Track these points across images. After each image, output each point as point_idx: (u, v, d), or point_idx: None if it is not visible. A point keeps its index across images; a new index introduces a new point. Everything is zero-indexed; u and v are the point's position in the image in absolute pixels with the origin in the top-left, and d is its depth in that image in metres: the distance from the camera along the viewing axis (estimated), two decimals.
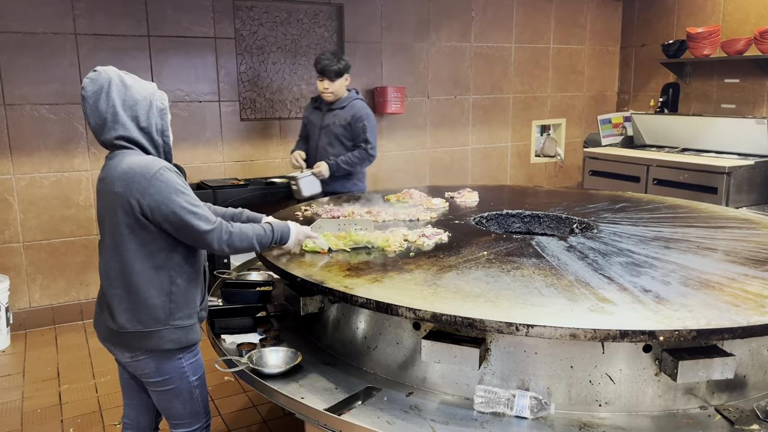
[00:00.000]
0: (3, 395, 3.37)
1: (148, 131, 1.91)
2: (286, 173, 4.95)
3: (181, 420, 2.07)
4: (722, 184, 4.58)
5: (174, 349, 1.95)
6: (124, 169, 1.83)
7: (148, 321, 1.90)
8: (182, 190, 1.85)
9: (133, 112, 1.87)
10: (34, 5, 4.00)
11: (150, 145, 1.92)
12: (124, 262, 1.87)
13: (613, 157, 5.49)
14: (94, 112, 1.85)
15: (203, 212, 1.89)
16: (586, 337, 1.67)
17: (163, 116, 1.94)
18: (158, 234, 1.87)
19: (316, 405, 1.90)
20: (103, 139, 1.89)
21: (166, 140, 1.97)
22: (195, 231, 1.86)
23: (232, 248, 1.98)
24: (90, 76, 1.86)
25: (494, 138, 6.04)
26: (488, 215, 3.09)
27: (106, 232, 1.91)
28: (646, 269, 2.16)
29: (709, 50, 5.36)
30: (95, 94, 1.84)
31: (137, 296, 1.88)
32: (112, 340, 1.96)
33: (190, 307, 1.97)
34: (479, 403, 1.85)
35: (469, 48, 5.70)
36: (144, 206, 1.81)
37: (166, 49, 4.41)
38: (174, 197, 1.82)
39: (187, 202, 1.85)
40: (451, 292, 1.95)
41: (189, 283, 1.97)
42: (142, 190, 1.80)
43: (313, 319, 2.42)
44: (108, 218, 1.88)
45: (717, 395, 1.91)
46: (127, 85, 1.87)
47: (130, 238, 1.85)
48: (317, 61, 3.79)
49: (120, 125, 1.86)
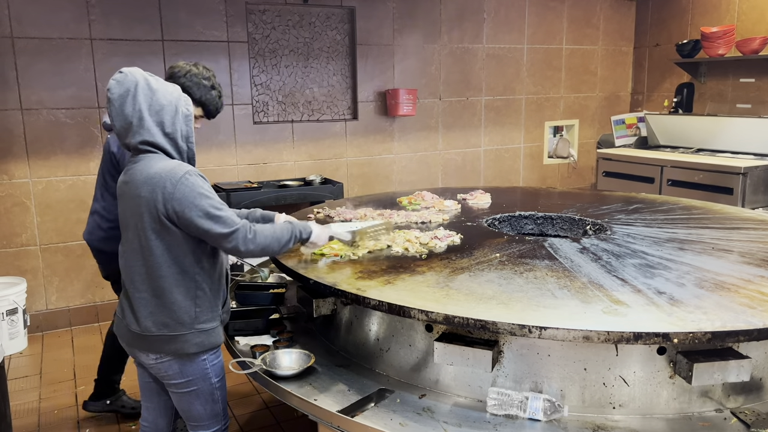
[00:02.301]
0: (21, 396, 3.42)
1: (173, 137, 1.92)
2: (299, 176, 4.98)
3: (201, 422, 2.08)
4: (738, 185, 4.53)
5: (198, 351, 1.96)
6: (150, 173, 1.84)
7: (173, 325, 1.91)
8: (207, 194, 1.86)
9: (159, 117, 1.88)
10: (51, 11, 4.05)
11: (174, 151, 1.93)
12: (150, 266, 1.88)
13: (627, 158, 5.46)
14: (120, 114, 1.86)
15: (228, 215, 1.89)
16: (600, 339, 1.66)
17: (188, 122, 1.96)
18: (184, 238, 1.88)
19: (329, 407, 1.91)
20: (127, 143, 1.90)
21: (191, 146, 1.99)
22: (220, 234, 1.87)
23: (259, 248, 1.97)
24: (116, 78, 1.86)
25: (507, 139, 6.02)
26: (501, 217, 3.08)
27: (130, 235, 1.91)
28: (660, 271, 2.15)
29: (724, 50, 5.31)
30: (121, 97, 1.84)
31: (163, 300, 1.90)
32: (135, 344, 1.96)
33: (213, 311, 1.99)
34: (492, 406, 1.85)
35: (482, 49, 5.69)
36: (170, 210, 1.82)
37: (180, 53, 4.44)
38: (199, 201, 1.83)
39: (212, 206, 1.85)
40: (463, 294, 1.95)
41: (213, 286, 1.99)
42: (168, 195, 1.81)
43: (325, 321, 2.43)
44: (133, 222, 1.89)
45: (733, 398, 1.90)
46: (153, 89, 1.87)
47: (156, 242, 1.86)
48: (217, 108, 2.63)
49: (145, 130, 1.87)
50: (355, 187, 5.28)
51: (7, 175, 4.12)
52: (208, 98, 2.50)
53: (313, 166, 5.08)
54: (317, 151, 5.10)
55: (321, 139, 5.10)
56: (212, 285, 1.98)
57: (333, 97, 5.15)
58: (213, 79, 2.53)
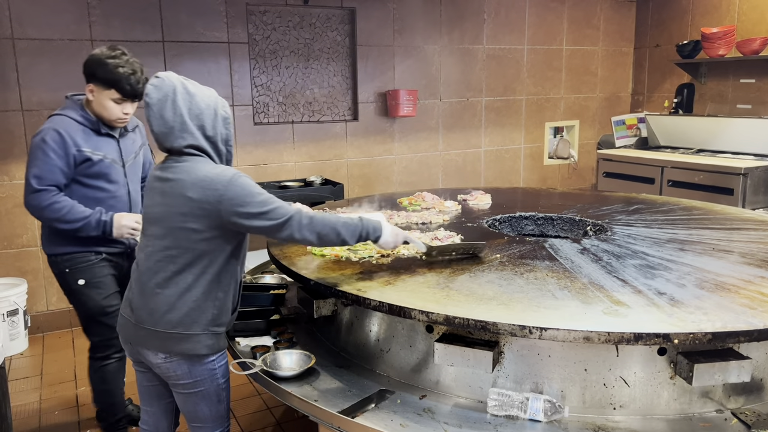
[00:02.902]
0: (21, 397, 3.42)
1: (213, 140, 1.94)
2: (299, 177, 4.98)
3: (205, 423, 2.07)
4: (738, 186, 4.53)
5: (207, 354, 1.96)
6: (200, 176, 1.85)
7: (189, 324, 1.91)
8: (258, 192, 1.88)
9: (199, 121, 1.90)
10: (52, 12, 4.06)
11: (215, 154, 1.95)
12: (182, 265, 1.88)
13: (627, 158, 5.46)
14: (159, 119, 1.87)
15: (280, 205, 1.91)
16: (600, 339, 1.66)
17: (227, 125, 1.98)
18: (226, 242, 1.90)
19: (330, 408, 1.91)
20: (169, 147, 1.91)
21: (230, 149, 2.01)
22: (275, 225, 1.88)
23: (315, 234, 1.95)
24: (153, 83, 1.88)
25: (507, 140, 6.03)
26: (501, 218, 3.08)
27: (160, 232, 1.91)
28: (660, 272, 2.15)
29: (724, 50, 5.31)
30: (160, 102, 1.86)
31: (185, 299, 1.90)
32: (145, 342, 1.95)
33: (226, 315, 2.00)
34: (493, 407, 1.85)
35: (482, 50, 5.70)
36: (222, 211, 1.84)
37: (181, 54, 4.45)
38: (252, 199, 1.85)
39: (265, 202, 1.87)
40: (463, 294, 1.95)
41: (230, 290, 2.00)
42: (220, 195, 1.83)
43: (326, 322, 2.43)
44: (169, 219, 1.88)
45: (733, 399, 1.90)
46: (191, 93, 1.89)
47: (196, 242, 1.87)
48: (131, 83, 2.51)
49: (188, 134, 1.89)
50: (356, 188, 5.28)
51: (7, 176, 4.13)
52: (116, 76, 2.47)
53: (313, 167, 5.08)
54: (318, 152, 5.10)
55: (321, 140, 5.10)
56: (231, 289, 1.99)
57: (333, 98, 5.15)
58: (122, 57, 2.50)
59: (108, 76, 2.49)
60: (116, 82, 2.49)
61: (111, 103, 2.55)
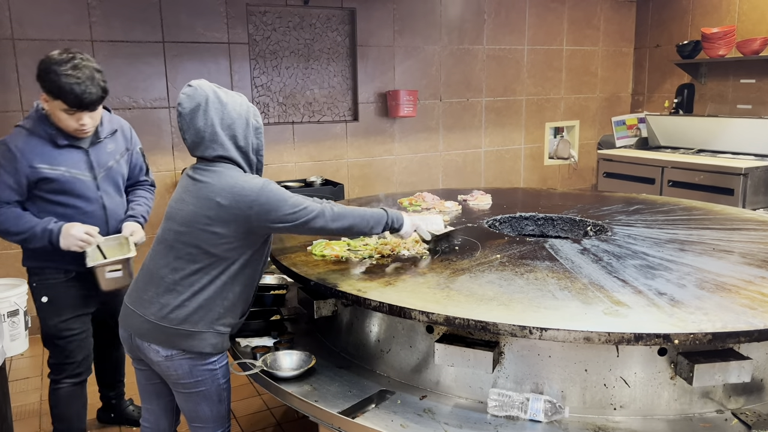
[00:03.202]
0: (22, 398, 3.42)
1: (245, 150, 1.97)
2: (300, 177, 4.99)
3: (205, 423, 2.08)
4: (739, 186, 4.53)
5: (209, 353, 1.97)
6: (231, 183, 1.88)
7: (195, 321, 1.92)
8: (288, 195, 1.93)
9: (231, 131, 1.92)
10: (52, 13, 4.06)
11: (245, 164, 1.98)
12: (200, 266, 1.90)
13: (628, 158, 5.46)
14: (191, 129, 1.89)
15: (310, 203, 1.97)
16: (600, 340, 1.66)
17: (259, 135, 2.01)
18: (247, 249, 1.93)
19: (330, 408, 1.91)
20: (200, 155, 1.93)
21: (260, 159, 2.03)
22: (308, 220, 1.95)
23: (345, 225, 2.04)
24: (186, 92, 1.89)
25: (507, 140, 6.03)
26: (501, 218, 3.08)
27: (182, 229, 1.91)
28: (661, 272, 2.15)
29: (725, 50, 5.31)
30: (192, 111, 1.88)
31: (198, 297, 1.92)
32: (149, 336, 1.95)
33: (233, 316, 2.02)
34: (493, 407, 1.85)
35: (482, 50, 5.70)
36: (253, 219, 1.87)
37: (181, 54, 4.45)
38: (282, 204, 1.90)
39: (293, 206, 1.92)
40: (464, 295, 1.95)
41: (242, 292, 2.01)
42: (251, 202, 1.86)
43: (326, 323, 2.43)
44: (194, 220, 1.89)
45: (734, 399, 1.90)
46: (223, 102, 1.91)
47: (218, 247, 1.89)
48: (76, 93, 2.27)
49: (219, 145, 1.91)
50: (356, 188, 5.28)
51: None
52: (59, 85, 2.23)
53: (313, 168, 5.08)
54: (318, 152, 5.10)
55: (322, 140, 5.10)
56: (242, 291, 2.01)
57: (333, 99, 5.15)
58: (69, 63, 2.26)
59: (52, 85, 2.26)
60: (60, 91, 2.26)
61: (63, 114, 2.32)
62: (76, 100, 2.27)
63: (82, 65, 2.29)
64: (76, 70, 2.26)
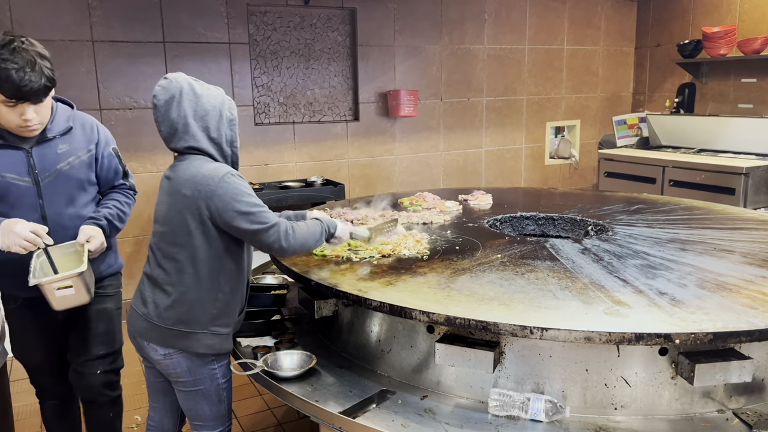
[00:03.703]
0: (23, 398, 3.42)
1: (218, 142, 1.97)
2: (300, 177, 4.98)
3: (205, 422, 2.09)
4: (740, 185, 4.53)
5: (208, 353, 1.98)
6: (193, 173, 1.88)
7: (189, 321, 1.94)
8: (247, 193, 1.90)
9: (204, 122, 1.93)
10: (53, 13, 4.06)
11: (219, 155, 1.98)
12: (180, 262, 1.91)
13: (629, 158, 5.45)
14: (166, 120, 1.91)
15: (267, 214, 1.93)
16: (601, 340, 1.66)
17: (233, 127, 2.01)
18: (219, 239, 1.92)
19: (331, 408, 1.91)
20: (173, 147, 1.95)
21: (235, 151, 2.03)
22: (259, 230, 1.90)
23: (298, 243, 2.00)
24: (161, 84, 1.90)
25: (508, 140, 6.02)
26: (502, 218, 3.08)
27: (167, 229, 1.94)
28: (661, 271, 2.14)
29: (726, 50, 5.30)
30: (167, 103, 1.89)
31: (186, 297, 1.93)
32: (148, 335, 1.98)
33: (229, 316, 2.02)
34: (494, 407, 1.85)
35: (483, 50, 5.69)
36: (212, 209, 1.86)
37: (182, 54, 4.45)
38: (239, 199, 1.87)
39: (252, 205, 1.89)
40: (464, 295, 1.95)
41: (234, 291, 2.01)
42: (209, 193, 1.85)
43: (327, 323, 2.43)
44: (173, 217, 1.92)
45: (735, 399, 1.89)
46: (197, 94, 1.92)
47: (192, 240, 1.90)
48: (13, 81, 1.94)
49: (190, 136, 1.92)
50: (357, 188, 5.28)
51: None
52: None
53: (314, 168, 5.08)
54: (318, 152, 5.10)
55: (322, 140, 5.10)
56: (233, 290, 2.01)
57: (334, 99, 5.15)
58: (6, 48, 1.94)
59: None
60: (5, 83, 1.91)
61: (2, 107, 1.98)
62: (13, 88, 1.93)
63: (21, 49, 1.96)
64: (14, 54, 1.93)
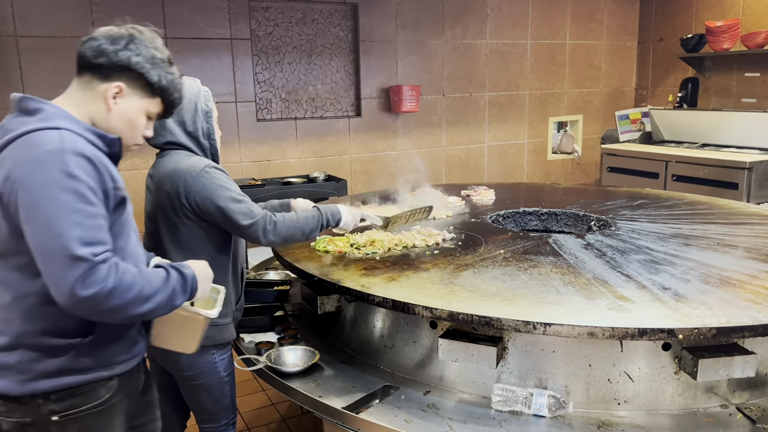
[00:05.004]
0: None
1: (194, 135, 1.96)
2: (303, 173, 4.98)
3: (209, 415, 2.10)
4: (743, 180, 4.51)
5: (207, 345, 1.98)
6: (172, 167, 1.89)
7: None
8: (227, 186, 1.89)
9: (179, 116, 1.92)
10: (55, 9, 4.06)
11: (197, 149, 1.97)
12: (170, 257, 1.91)
13: (631, 153, 5.44)
14: None
15: (247, 207, 1.91)
16: (604, 335, 1.66)
17: (209, 119, 1.99)
18: (203, 232, 1.93)
19: (334, 403, 1.92)
20: (153, 143, 1.94)
21: (213, 143, 2.01)
22: (239, 225, 1.90)
23: (280, 238, 1.98)
24: None
25: (510, 135, 6.01)
26: (505, 213, 3.08)
27: (154, 227, 1.96)
28: (665, 267, 2.14)
29: (729, 44, 5.28)
30: None
31: None
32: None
33: (226, 306, 2.00)
34: (497, 402, 1.85)
35: (485, 45, 5.68)
36: (192, 203, 1.87)
37: (183, 50, 4.45)
38: (218, 193, 1.86)
39: (231, 198, 1.88)
40: (467, 290, 1.95)
41: (227, 282, 2.01)
42: (188, 187, 1.86)
43: (330, 318, 2.43)
44: (158, 214, 1.93)
45: (738, 393, 1.89)
46: None
47: (176, 234, 1.91)
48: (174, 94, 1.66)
49: (167, 131, 1.92)
50: (359, 184, 5.28)
51: None
52: (168, 81, 1.63)
53: (316, 163, 5.08)
54: (321, 147, 5.10)
55: (324, 135, 5.10)
56: (229, 283, 2.01)
57: (336, 94, 5.15)
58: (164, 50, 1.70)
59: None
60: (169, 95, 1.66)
61: (143, 118, 1.61)
62: (178, 102, 1.67)
63: None
64: (171, 65, 1.73)
